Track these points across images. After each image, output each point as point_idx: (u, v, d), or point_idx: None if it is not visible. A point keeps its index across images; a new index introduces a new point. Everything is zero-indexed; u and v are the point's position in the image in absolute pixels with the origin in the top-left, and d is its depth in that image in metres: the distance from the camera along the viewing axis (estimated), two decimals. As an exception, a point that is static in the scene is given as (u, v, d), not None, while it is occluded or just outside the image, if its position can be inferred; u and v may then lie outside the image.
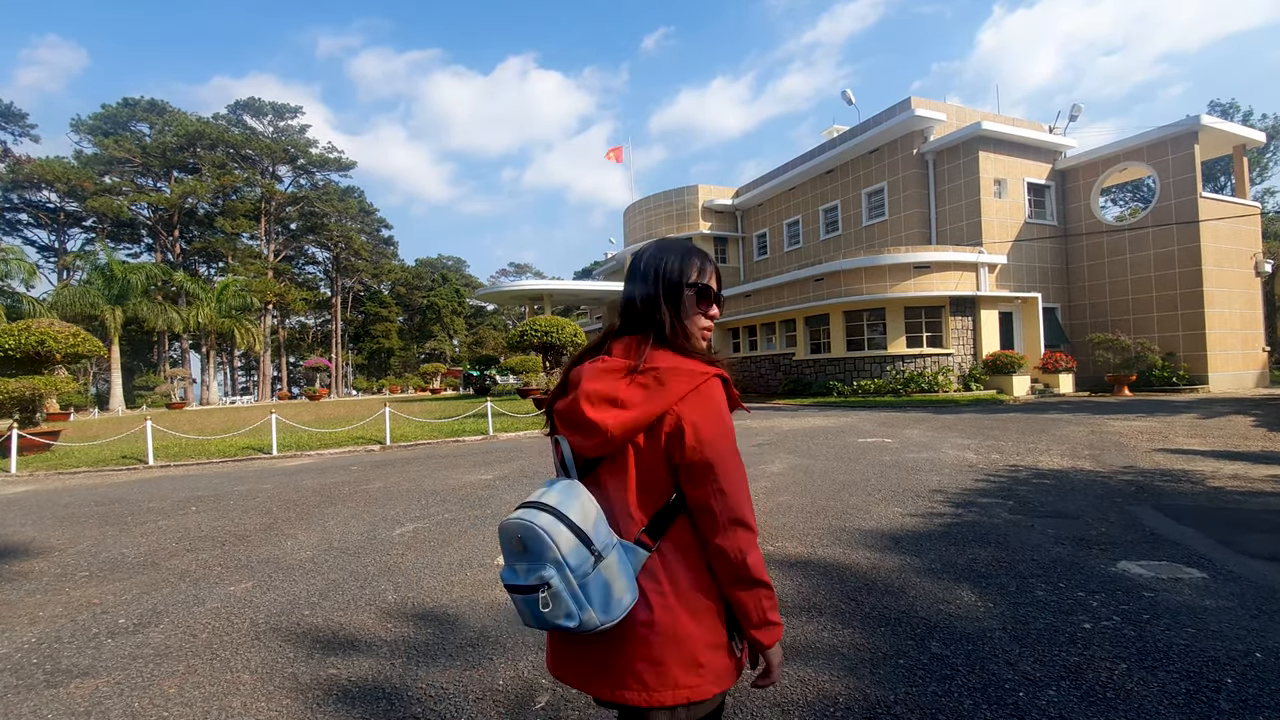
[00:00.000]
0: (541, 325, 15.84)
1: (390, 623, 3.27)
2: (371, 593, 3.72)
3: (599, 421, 1.15)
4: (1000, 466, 7.42)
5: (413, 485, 7.43)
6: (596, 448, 1.18)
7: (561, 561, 1.07)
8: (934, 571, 3.79)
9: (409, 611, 3.42)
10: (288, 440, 12.28)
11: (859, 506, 5.53)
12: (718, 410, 1.17)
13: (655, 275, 1.27)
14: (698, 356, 1.22)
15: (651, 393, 1.15)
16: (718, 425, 1.16)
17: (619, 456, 1.18)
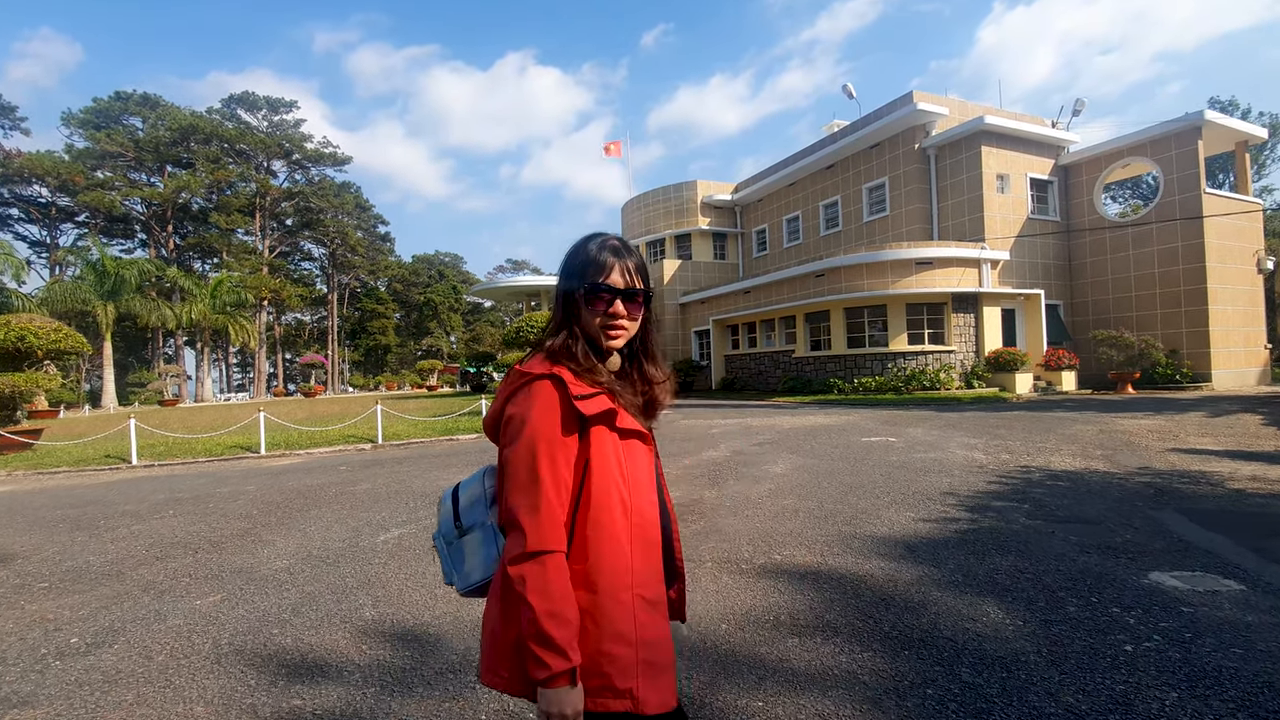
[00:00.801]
0: (539, 321, 15.52)
1: (366, 644, 2.99)
2: (348, 608, 3.44)
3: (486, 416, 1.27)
4: (1012, 467, 7.16)
5: (401, 487, 7.15)
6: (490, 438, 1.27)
7: (440, 528, 1.30)
8: (955, 584, 3.52)
9: (387, 630, 3.14)
10: (277, 439, 11.98)
11: (868, 511, 5.26)
12: (522, 412, 1.14)
13: (559, 276, 1.29)
14: (560, 362, 1.20)
15: (500, 391, 1.24)
16: (518, 425, 1.13)
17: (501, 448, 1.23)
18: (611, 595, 1.10)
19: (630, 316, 1.26)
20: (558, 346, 1.23)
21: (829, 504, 5.55)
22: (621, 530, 1.14)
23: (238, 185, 56.36)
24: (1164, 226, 20.31)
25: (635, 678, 1.09)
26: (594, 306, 1.23)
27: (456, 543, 1.25)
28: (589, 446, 1.14)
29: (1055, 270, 22.53)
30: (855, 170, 25.78)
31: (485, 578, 1.22)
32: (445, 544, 1.28)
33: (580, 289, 1.23)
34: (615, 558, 1.12)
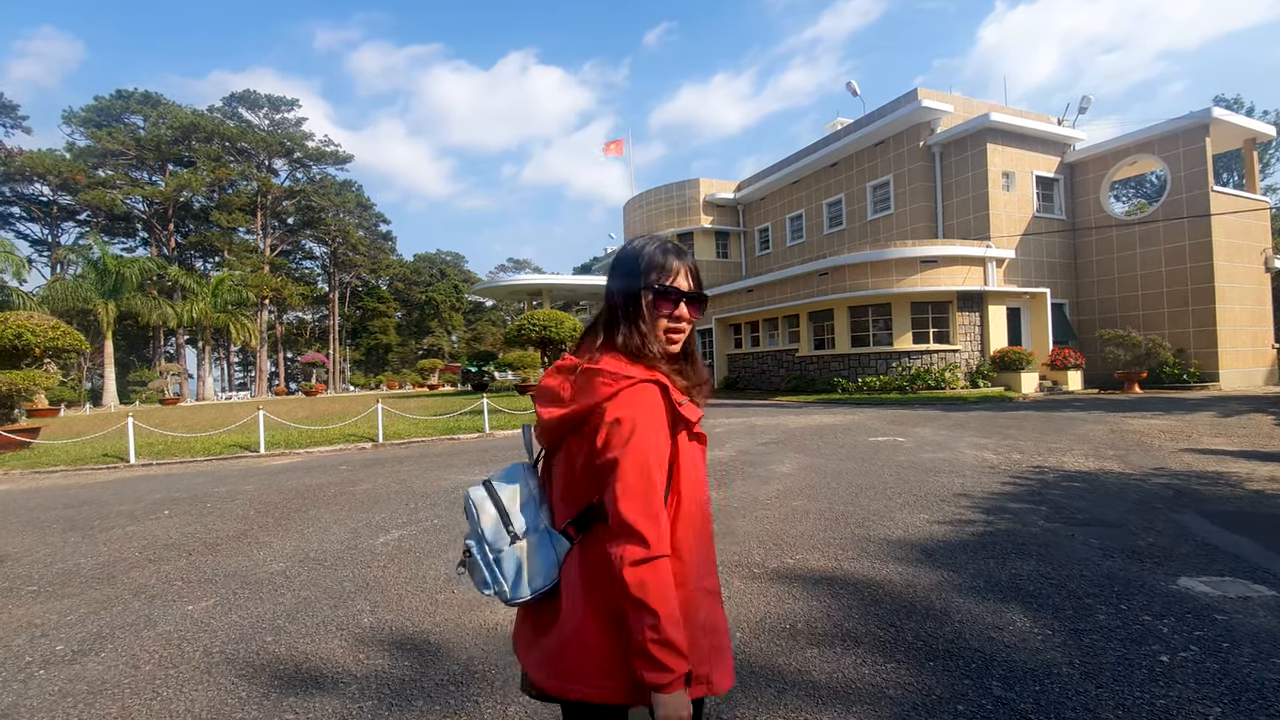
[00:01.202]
0: (540, 320, 15.37)
1: (363, 652, 2.85)
2: (345, 614, 3.30)
3: (541, 415, 1.23)
4: (1024, 468, 7.02)
5: (402, 487, 7.01)
6: (541, 439, 1.27)
7: (481, 536, 1.18)
8: (977, 590, 3.38)
9: (386, 638, 3.00)
10: (277, 438, 11.86)
11: (881, 512, 5.12)
12: (632, 416, 1.13)
13: (620, 276, 1.27)
14: (641, 361, 1.20)
15: (579, 393, 1.18)
16: (626, 430, 1.11)
17: (559, 450, 1.24)
18: (696, 589, 1.15)
19: (690, 319, 1.28)
20: (635, 347, 1.22)
21: (840, 505, 5.41)
22: (700, 527, 1.19)
23: (239, 184, 56.26)
24: (1171, 225, 20.13)
25: (711, 664, 1.14)
26: (660, 308, 1.25)
27: (508, 549, 1.17)
28: (678, 449, 1.18)
29: (1061, 269, 22.35)
30: (859, 168, 25.61)
31: (547, 584, 1.17)
32: (491, 552, 1.18)
33: (648, 290, 1.24)
34: (696, 553, 1.17)
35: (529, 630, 1.23)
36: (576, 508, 1.19)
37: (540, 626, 1.19)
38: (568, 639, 1.13)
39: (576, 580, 1.15)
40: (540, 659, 1.17)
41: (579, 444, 1.18)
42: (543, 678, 1.16)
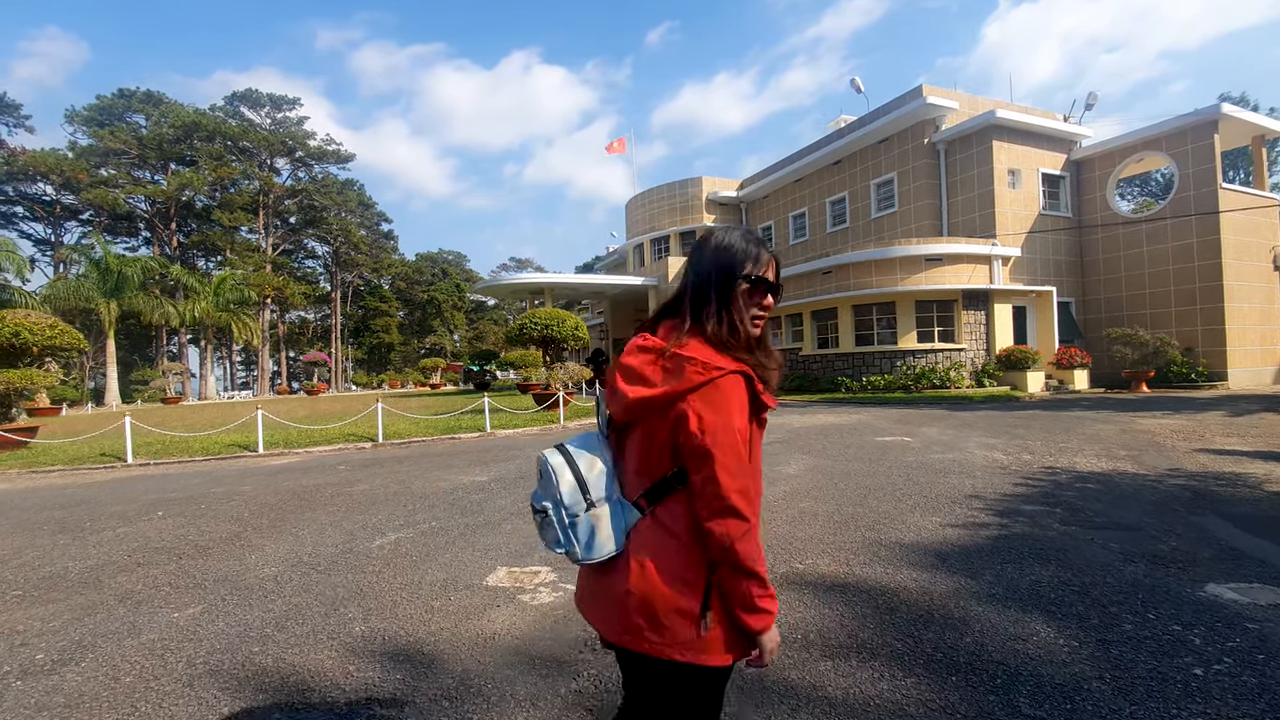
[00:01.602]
0: (542, 318, 15.21)
1: (354, 664, 2.72)
2: (336, 622, 3.17)
3: (625, 393, 1.28)
4: (1036, 469, 6.86)
5: (401, 487, 6.88)
6: (620, 415, 1.33)
7: (558, 498, 1.26)
8: (996, 597, 3.24)
9: (378, 648, 2.87)
10: (276, 437, 11.74)
11: (891, 515, 4.97)
12: (725, 404, 1.21)
13: (712, 265, 1.32)
14: (728, 351, 1.27)
15: (669, 377, 1.24)
16: (721, 417, 1.20)
17: (638, 426, 1.30)
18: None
19: (771, 308, 1.39)
20: (724, 336, 1.28)
21: (848, 507, 5.27)
22: (759, 499, 1.27)
23: (241, 182, 56.21)
24: (1179, 222, 19.93)
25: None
26: (753, 298, 1.34)
27: (583, 515, 1.26)
28: (753, 432, 1.28)
29: (1067, 267, 22.16)
30: (863, 166, 25.43)
31: (617, 550, 1.27)
32: (567, 515, 1.26)
33: (743, 280, 1.31)
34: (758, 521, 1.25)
35: (593, 588, 1.34)
36: (650, 480, 1.28)
37: (605, 586, 1.29)
38: (635, 600, 1.22)
39: (645, 547, 1.25)
40: (606, 615, 1.28)
41: (661, 423, 1.26)
42: (609, 631, 1.28)
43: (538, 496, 1.33)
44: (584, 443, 1.35)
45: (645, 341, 1.32)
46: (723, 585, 1.22)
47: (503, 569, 3.89)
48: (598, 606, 1.32)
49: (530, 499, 1.35)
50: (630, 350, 1.33)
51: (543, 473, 1.31)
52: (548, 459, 1.30)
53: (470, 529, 4.95)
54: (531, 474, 7.48)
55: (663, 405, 1.24)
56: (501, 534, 4.78)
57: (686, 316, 1.32)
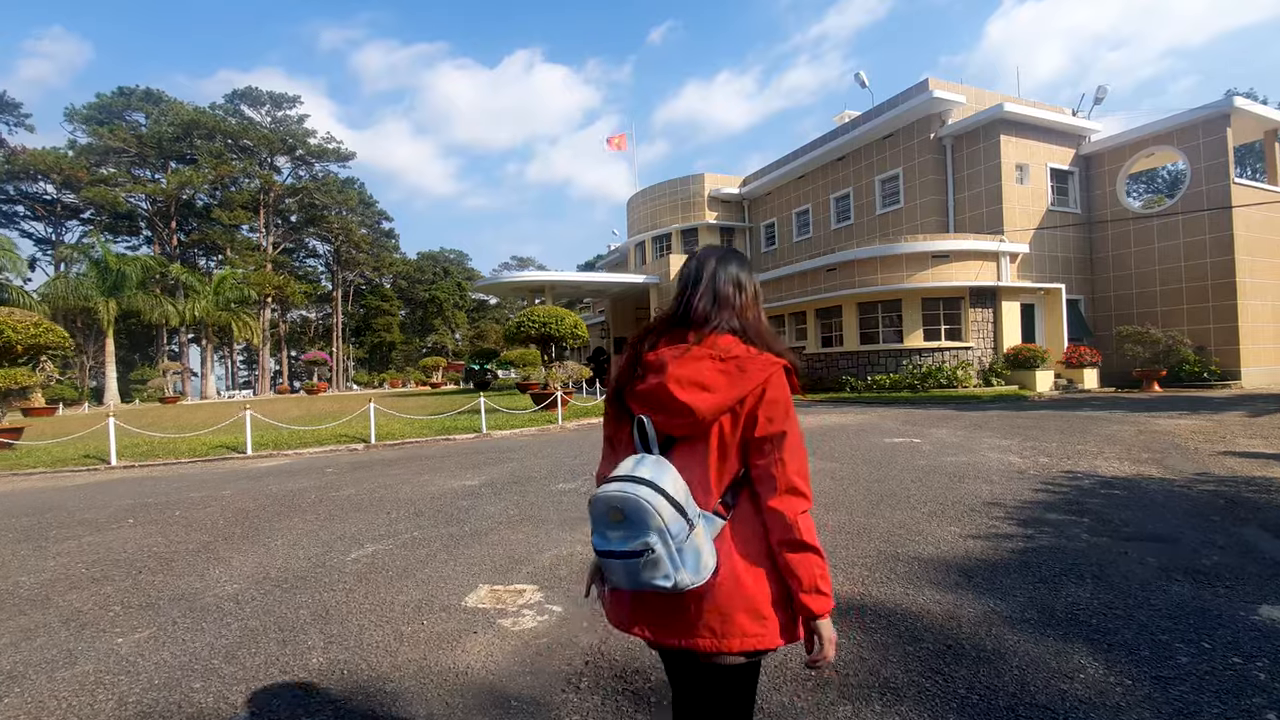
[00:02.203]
0: (540, 316, 14.84)
1: (304, 706, 2.39)
2: (293, 652, 2.84)
3: (690, 403, 1.28)
4: (1055, 473, 6.51)
5: (387, 493, 6.56)
6: (684, 427, 1.31)
7: (664, 530, 1.19)
8: (1031, 624, 2.90)
9: (335, 684, 2.54)
10: (265, 439, 11.43)
11: (907, 525, 4.63)
12: (785, 395, 1.33)
13: (734, 278, 1.45)
14: (768, 349, 1.37)
15: (734, 379, 1.30)
16: (785, 407, 1.32)
17: (707, 433, 1.31)
18: None
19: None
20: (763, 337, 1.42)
21: (860, 516, 4.92)
22: None
23: (241, 181, 55.97)
24: (1191, 218, 19.51)
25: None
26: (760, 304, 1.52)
27: (689, 539, 1.23)
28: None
29: (1076, 264, 21.74)
30: (868, 161, 25.04)
31: (716, 563, 1.26)
32: (675, 544, 1.20)
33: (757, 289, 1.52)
34: None
35: (661, 605, 1.30)
36: (724, 484, 1.31)
37: (687, 599, 1.27)
38: (738, 601, 1.26)
39: (733, 550, 1.29)
40: (692, 626, 1.28)
41: (731, 422, 1.30)
42: (698, 641, 1.27)
43: (608, 540, 1.24)
44: (657, 467, 1.26)
45: (692, 351, 1.34)
46: (788, 566, 1.27)
47: (484, 587, 3.56)
48: (659, 620, 1.31)
49: (595, 547, 1.26)
50: (679, 362, 1.32)
51: (627, 511, 1.20)
52: (635, 494, 1.19)
53: (454, 540, 4.62)
54: (527, 475, 7.17)
55: (735, 405, 1.29)
56: (487, 545, 4.45)
57: (712, 323, 1.38)
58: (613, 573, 1.26)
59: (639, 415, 1.35)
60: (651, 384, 1.32)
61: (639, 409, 1.35)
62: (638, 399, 1.35)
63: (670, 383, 1.29)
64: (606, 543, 1.24)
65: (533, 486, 6.56)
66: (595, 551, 1.28)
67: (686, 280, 1.46)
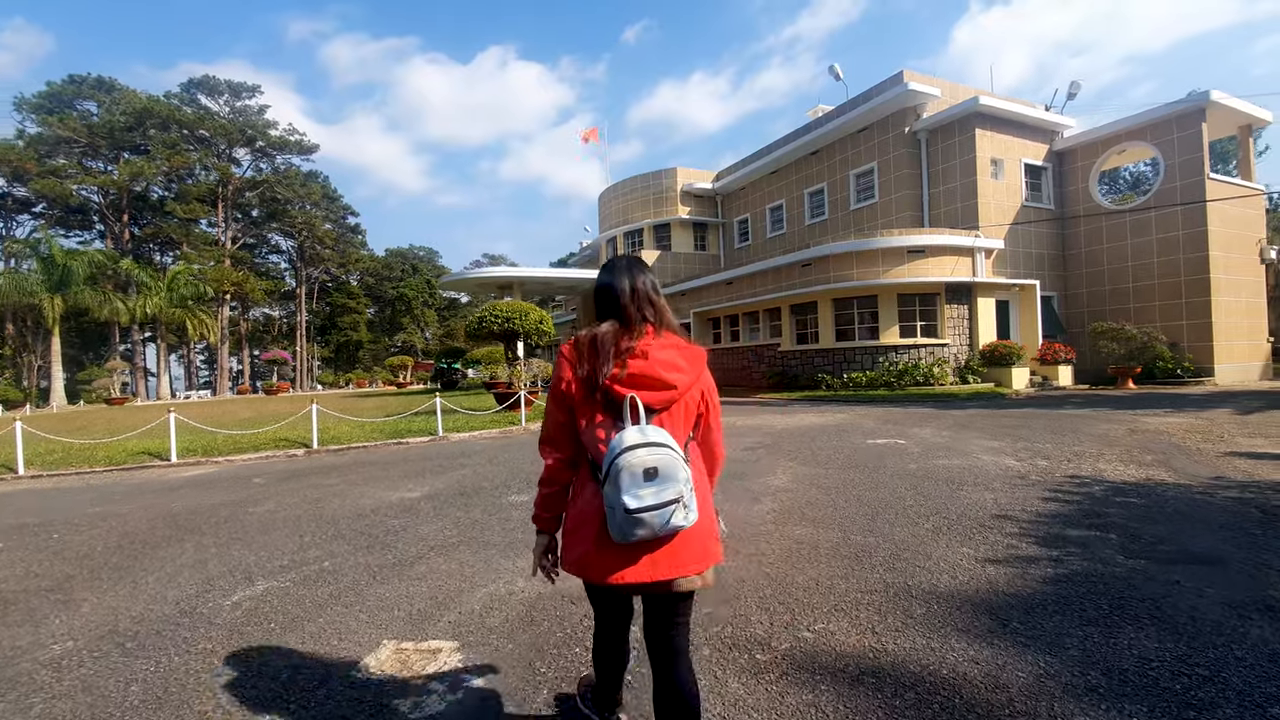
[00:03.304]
0: (503, 311, 13.90)
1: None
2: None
3: (674, 382, 1.66)
4: (1059, 478, 5.92)
5: (311, 508, 5.69)
6: (667, 401, 1.66)
7: (688, 479, 1.56)
8: (1101, 694, 2.20)
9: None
10: (197, 444, 10.40)
11: (911, 545, 3.95)
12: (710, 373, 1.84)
13: (654, 285, 1.82)
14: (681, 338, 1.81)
15: (693, 362, 1.73)
16: (712, 381, 1.83)
17: (675, 405, 1.68)
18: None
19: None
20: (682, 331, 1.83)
21: (856, 534, 4.23)
22: None
23: (198, 173, 53.75)
24: (1165, 214, 19.40)
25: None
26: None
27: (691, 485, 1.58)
28: None
29: (1049, 260, 21.55)
30: (842, 156, 24.61)
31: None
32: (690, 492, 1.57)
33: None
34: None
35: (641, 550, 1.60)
36: (684, 440, 1.71)
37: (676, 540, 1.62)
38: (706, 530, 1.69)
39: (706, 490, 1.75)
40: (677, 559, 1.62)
41: (692, 395, 1.73)
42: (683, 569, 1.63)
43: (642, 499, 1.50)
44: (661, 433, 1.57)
45: (663, 342, 1.72)
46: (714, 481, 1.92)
47: (390, 644, 2.76)
48: (662, 559, 1.61)
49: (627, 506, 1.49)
50: (658, 350, 1.68)
51: (661, 468, 1.51)
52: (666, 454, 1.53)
53: (371, 573, 3.80)
54: (477, 486, 6.35)
55: (696, 380, 1.72)
56: (409, 580, 3.65)
57: (658, 323, 1.77)
58: (640, 527, 1.51)
59: (628, 395, 1.60)
60: (639, 368, 1.63)
61: (626, 390, 1.61)
62: (624, 382, 1.62)
63: (656, 366, 1.64)
64: (640, 500, 1.50)
65: (481, 499, 5.76)
66: (625, 513, 1.50)
67: (622, 289, 1.74)
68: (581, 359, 1.68)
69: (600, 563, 1.60)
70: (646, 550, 1.58)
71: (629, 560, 1.58)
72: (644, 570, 1.58)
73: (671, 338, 1.73)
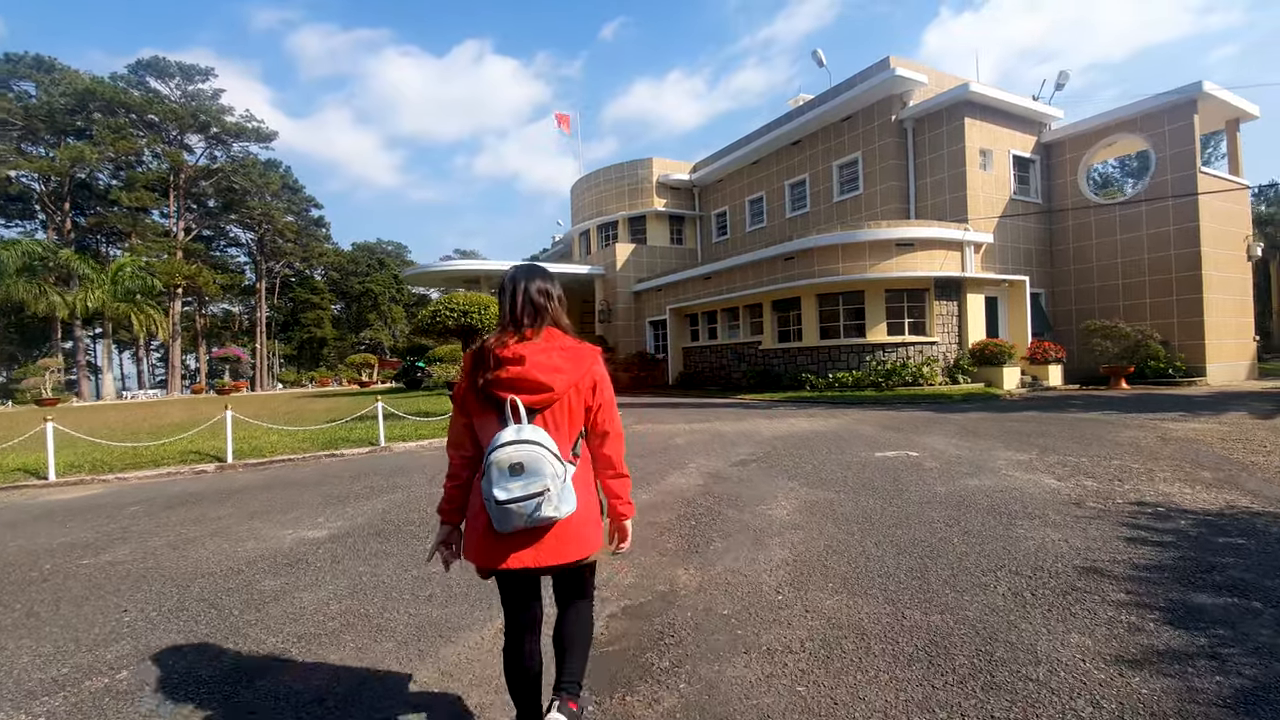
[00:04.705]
0: (459, 303, 12.38)
1: None
2: None
3: (550, 384, 1.77)
4: (1120, 504, 4.82)
5: (171, 559, 4.30)
6: (544, 401, 1.78)
7: (556, 474, 1.68)
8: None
9: None
10: (85, 459, 8.84)
11: (996, 629, 2.75)
12: (605, 372, 1.95)
13: (542, 290, 1.91)
14: (584, 340, 1.94)
15: (575, 363, 1.84)
16: (606, 380, 1.93)
17: (557, 404, 1.80)
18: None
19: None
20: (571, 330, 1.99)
21: (911, 607, 3.02)
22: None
23: (147, 160, 50.90)
24: (1155, 209, 18.73)
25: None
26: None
27: (566, 480, 1.74)
28: None
29: (1037, 256, 20.80)
30: (825, 146, 23.59)
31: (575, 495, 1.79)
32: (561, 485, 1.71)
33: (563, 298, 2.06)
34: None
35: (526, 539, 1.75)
36: (572, 439, 1.86)
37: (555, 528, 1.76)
38: (585, 523, 1.81)
39: (580, 486, 1.82)
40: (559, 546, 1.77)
41: (578, 394, 1.85)
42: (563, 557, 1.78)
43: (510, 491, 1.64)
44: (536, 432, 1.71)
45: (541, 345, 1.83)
46: (611, 489, 1.96)
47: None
48: (545, 547, 1.75)
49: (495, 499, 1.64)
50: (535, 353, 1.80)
51: (527, 464, 1.64)
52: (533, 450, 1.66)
53: (173, 702, 2.47)
54: (403, 520, 5.03)
55: (581, 379, 1.84)
56: (235, 715, 2.34)
57: (546, 320, 1.89)
58: (513, 517, 1.66)
59: (509, 397, 1.75)
60: (515, 373, 1.76)
61: (505, 393, 1.75)
62: (503, 385, 1.76)
63: (533, 370, 1.76)
64: (509, 493, 1.64)
65: (400, 543, 4.44)
66: (495, 504, 1.64)
67: (510, 297, 1.89)
68: (475, 366, 1.83)
69: (489, 550, 1.75)
70: (529, 539, 1.73)
71: (514, 548, 1.73)
72: (527, 557, 1.73)
73: (558, 339, 1.86)
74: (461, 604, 3.28)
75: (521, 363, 1.74)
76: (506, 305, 1.87)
